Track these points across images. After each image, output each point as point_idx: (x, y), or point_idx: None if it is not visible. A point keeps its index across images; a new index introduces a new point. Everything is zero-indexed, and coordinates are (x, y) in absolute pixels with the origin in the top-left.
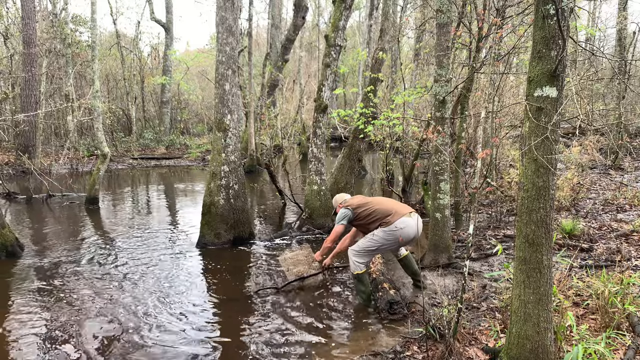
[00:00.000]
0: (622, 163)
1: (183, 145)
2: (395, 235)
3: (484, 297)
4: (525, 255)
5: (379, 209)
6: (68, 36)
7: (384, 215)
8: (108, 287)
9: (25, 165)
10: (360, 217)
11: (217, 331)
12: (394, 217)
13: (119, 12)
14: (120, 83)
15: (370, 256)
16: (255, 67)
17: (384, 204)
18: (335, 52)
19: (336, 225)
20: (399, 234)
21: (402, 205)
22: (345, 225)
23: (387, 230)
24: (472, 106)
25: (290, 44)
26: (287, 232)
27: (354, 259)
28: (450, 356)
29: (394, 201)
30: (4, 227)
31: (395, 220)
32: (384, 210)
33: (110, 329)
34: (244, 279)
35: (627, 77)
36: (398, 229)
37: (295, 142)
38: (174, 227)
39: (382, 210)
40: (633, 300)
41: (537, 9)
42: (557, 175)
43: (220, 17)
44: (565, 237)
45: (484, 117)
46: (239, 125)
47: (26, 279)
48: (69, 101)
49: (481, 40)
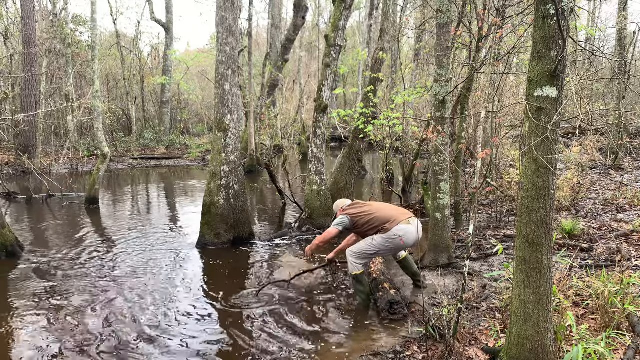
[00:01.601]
0: (622, 163)
1: (183, 145)
2: (394, 242)
3: (484, 297)
4: (525, 255)
5: (377, 217)
6: (68, 36)
7: (382, 222)
8: (108, 287)
9: (25, 165)
10: (359, 224)
11: (217, 331)
12: (392, 224)
13: (119, 12)
14: (120, 83)
15: (368, 259)
16: (255, 67)
17: (382, 211)
18: (335, 52)
19: (332, 227)
20: (397, 242)
21: (401, 211)
22: (340, 230)
23: (385, 237)
24: (472, 106)
25: (290, 44)
26: (287, 232)
27: (351, 260)
28: (450, 356)
29: (394, 207)
30: (4, 227)
31: (393, 227)
32: (383, 217)
33: (110, 329)
34: (244, 279)
35: (627, 77)
36: (397, 237)
37: (295, 142)
38: (173, 227)
39: (381, 218)
40: (633, 300)
41: (537, 9)
42: (557, 175)
43: (220, 17)
44: (565, 237)
45: (484, 117)
46: (239, 125)
47: (26, 279)
48: (69, 101)
49: (481, 40)
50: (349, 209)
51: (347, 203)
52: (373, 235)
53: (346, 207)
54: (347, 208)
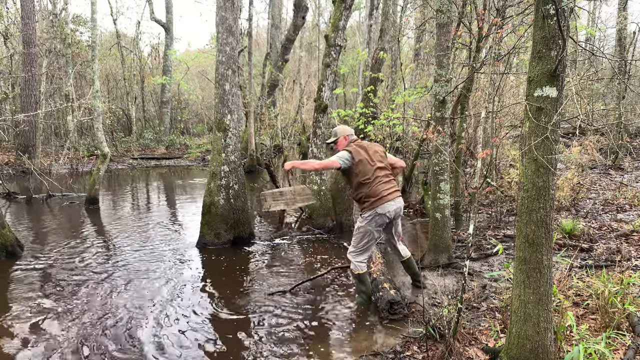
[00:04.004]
0: (622, 163)
1: (183, 145)
2: (376, 220)
3: (484, 297)
4: (525, 255)
5: (372, 189)
6: (68, 36)
7: (371, 195)
8: (107, 287)
9: (25, 165)
10: (353, 174)
11: (216, 331)
12: (378, 202)
13: (119, 12)
14: (120, 83)
15: (366, 250)
16: (255, 67)
17: (377, 185)
18: (335, 52)
19: (334, 158)
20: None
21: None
22: (341, 165)
23: (366, 216)
24: (472, 106)
25: (290, 44)
26: (287, 232)
27: (353, 260)
28: (450, 356)
29: (388, 182)
30: (4, 227)
31: (378, 206)
32: (374, 191)
33: (110, 329)
34: (244, 279)
35: (627, 77)
36: (380, 215)
37: (295, 142)
38: (173, 227)
39: (372, 191)
40: (633, 300)
41: (537, 9)
42: (557, 175)
43: (220, 17)
44: (565, 237)
45: (484, 117)
46: (239, 125)
47: (26, 279)
48: (69, 101)
49: (481, 40)
50: (355, 148)
51: (353, 133)
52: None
53: (352, 142)
54: (354, 144)
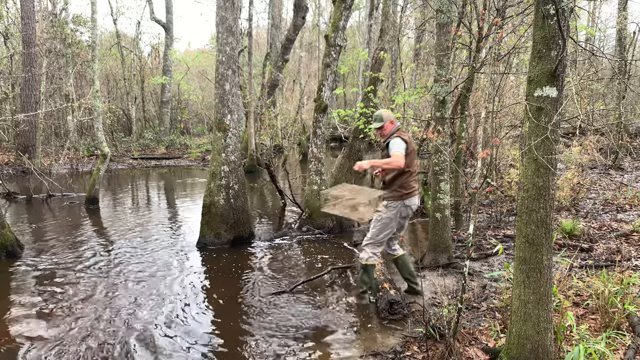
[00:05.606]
0: (622, 163)
1: (183, 145)
2: (401, 212)
3: (484, 297)
4: (525, 255)
5: (408, 180)
6: (68, 36)
7: (405, 187)
8: (107, 287)
9: (25, 165)
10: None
11: (217, 331)
12: (408, 195)
13: (119, 12)
14: (120, 83)
15: (383, 243)
16: (255, 67)
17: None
18: (335, 52)
19: (396, 151)
20: (404, 212)
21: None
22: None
23: (393, 205)
24: (472, 106)
25: (290, 44)
26: (287, 232)
27: (370, 250)
28: (450, 356)
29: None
30: (4, 227)
31: (407, 199)
32: (408, 184)
33: (109, 329)
34: (244, 279)
35: (627, 77)
36: (406, 207)
37: (295, 142)
38: (173, 227)
39: (407, 183)
40: (633, 300)
41: (537, 9)
42: (557, 175)
43: (220, 17)
44: (565, 237)
45: (484, 117)
46: (239, 125)
47: (26, 279)
48: (69, 101)
49: (481, 40)
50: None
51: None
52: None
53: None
54: (402, 131)
